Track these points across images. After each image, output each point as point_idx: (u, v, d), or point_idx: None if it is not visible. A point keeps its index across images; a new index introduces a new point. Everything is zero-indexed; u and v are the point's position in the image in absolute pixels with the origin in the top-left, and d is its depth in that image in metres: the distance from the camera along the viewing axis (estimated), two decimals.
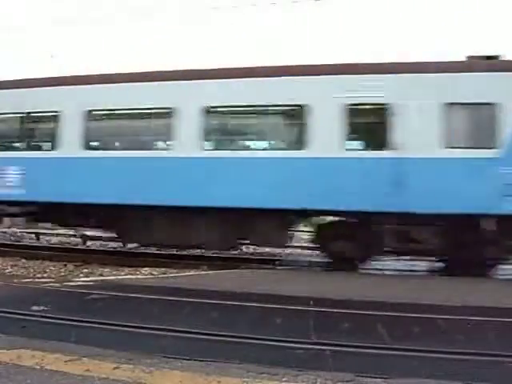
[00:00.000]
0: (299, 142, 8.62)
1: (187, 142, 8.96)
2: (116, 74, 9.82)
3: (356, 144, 8.69)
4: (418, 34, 33.88)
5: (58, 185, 9.41)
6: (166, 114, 9.15)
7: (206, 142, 9.04)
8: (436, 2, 31.17)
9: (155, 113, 9.52)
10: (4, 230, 13.66)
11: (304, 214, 8.95)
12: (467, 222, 8.05)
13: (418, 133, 8.09)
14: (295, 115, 8.76)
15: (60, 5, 29.95)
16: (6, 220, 12.82)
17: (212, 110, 8.96)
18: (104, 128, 10.01)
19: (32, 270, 9.37)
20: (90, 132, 9.54)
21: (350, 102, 8.31)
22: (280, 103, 8.76)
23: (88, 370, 3.69)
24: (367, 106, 8.58)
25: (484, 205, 7.84)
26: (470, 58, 8.59)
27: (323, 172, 8.35)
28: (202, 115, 8.90)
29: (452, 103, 8.10)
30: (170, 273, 9.08)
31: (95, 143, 9.83)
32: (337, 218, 9.28)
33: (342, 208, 8.36)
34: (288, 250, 11.71)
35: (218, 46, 32.49)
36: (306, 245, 11.37)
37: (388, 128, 8.22)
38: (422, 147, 8.10)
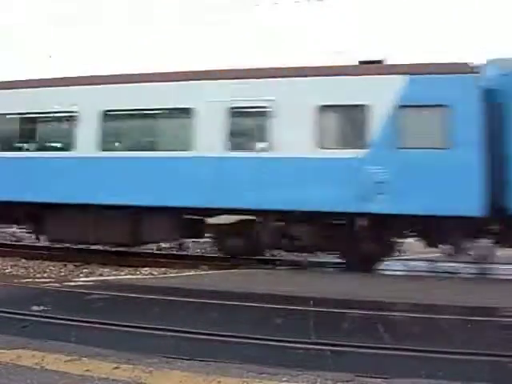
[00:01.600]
0: (187, 143, 9.15)
1: (87, 143, 9.62)
2: None
3: (239, 145, 9.08)
4: (418, 34, 33.88)
5: None
6: (69, 117, 9.78)
7: (104, 144, 9.67)
8: (437, 3, 31.17)
9: (58, 117, 10.07)
10: (4, 230, 13.64)
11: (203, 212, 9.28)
12: (341, 220, 8.55)
13: (294, 134, 8.56)
14: (184, 118, 9.29)
15: (59, 5, 29.93)
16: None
17: (109, 113, 9.64)
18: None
19: (32, 270, 9.37)
20: None
21: (233, 106, 8.89)
22: (171, 107, 9.43)
23: (88, 370, 3.70)
24: (248, 110, 9.02)
25: (353, 203, 8.23)
26: (361, 62, 9.06)
27: (208, 171, 8.89)
28: (100, 118, 9.60)
29: (325, 106, 8.57)
30: (170, 273, 9.09)
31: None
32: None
33: (225, 206, 8.83)
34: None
35: (217, 47, 32.51)
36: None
37: (267, 129, 8.76)
38: (297, 148, 8.56)
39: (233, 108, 8.92)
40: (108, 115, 9.58)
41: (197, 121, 9.05)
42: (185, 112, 9.19)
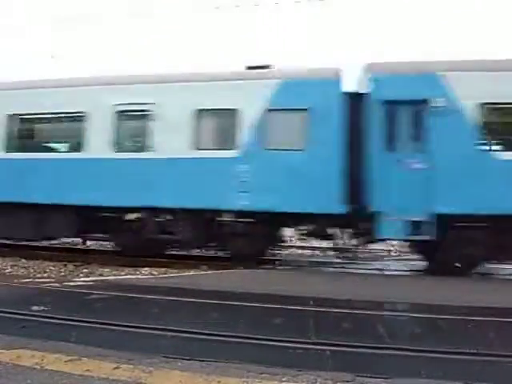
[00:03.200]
0: (80, 145, 9.87)
1: None
2: None
3: (125, 147, 9.77)
4: (418, 35, 33.89)
5: None
6: None
7: (13, 145, 10.32)
8: (438, 3, 31.19)
9: None
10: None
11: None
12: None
13: (173, 136, 9.25)
14: (78, 121, 9.92)
15: (60, 5, 29.91)
16: None
17: (17, 117, 10.33)
18: None
19: (32, 270, 9.36)
20: None
21: (120, 109, 9.62)
22: (67, 110, 10.03)
23: (88, 370, 3.70)
24: (134, 113, 9.73)
25: (224, 201, 8.93)
26: (248, 67, 9.53)
27: (97, 172, 9.58)
28: (8, 121, 10.28)
29: (202, 110, 9.27)
30: (170, 273, 9.08)
31: None
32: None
33: (112, 204, 9.46)
34: (288, 250, 11.72)
35: (217, 46, 32.51)
36: (305, 245, 11.38)
37: (149, 131, 9.49)
38: (176, 149, 9.24)
39: (119, 111, 9.66)
40: (15, 118, 10.34)
41: (88, 124, 9.75)
42: (77, 116, 9.88)
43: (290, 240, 11.17)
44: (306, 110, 8.67)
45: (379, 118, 8.43)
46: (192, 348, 4.34)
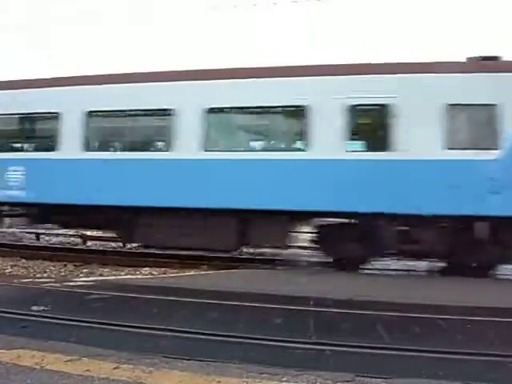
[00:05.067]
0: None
1: None
2: None
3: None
4: (419, 35, 33.89)
5: None
6: None
7: None
8: (438, 3, 31.18)
9: None
10: (4, 229, 13.65)
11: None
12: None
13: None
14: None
15: (59, 5, 29.92)
16: (7, 220, 12.83)
17: None
18: None
19: (32, 270, 9.37)
20: None
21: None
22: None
23: (88, 370, 3.70)
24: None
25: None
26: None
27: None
28: None
29: (91, 111, 9.42)
30: (170, 273, 9.09)
31: None
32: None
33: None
34: (288, 250, 11.70)
35: (217, 47, 32.50)
36: (306, 245, 11.37)
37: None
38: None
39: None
40: None
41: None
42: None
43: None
44: None
45: None
46: (192, 348, 4.34)
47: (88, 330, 4.92)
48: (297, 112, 8.56)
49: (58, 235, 13.95)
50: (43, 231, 14.02)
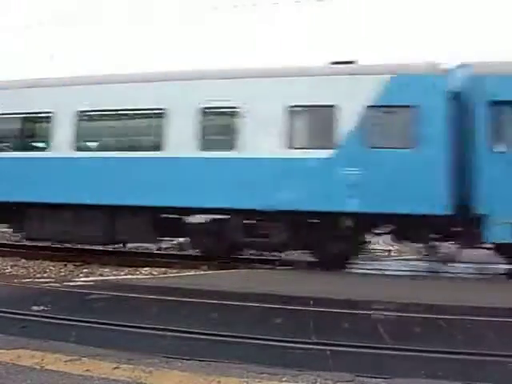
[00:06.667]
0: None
1: None
2: None
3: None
4: (418, 35, 33.89)
5: None
6: None
7: None
8: (439, 4, 31.17)
9: None
10: (4, 230, 13.64)
11: None
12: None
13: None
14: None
15: (60, 5, 29.93)
16: None
17: None
18: None
19: (32, 270, 9.37)
20: None
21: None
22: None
23: (88, 370, 3.69)
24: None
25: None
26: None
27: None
28: None
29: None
30: (170, 273, 9.08)
31: None
32: None
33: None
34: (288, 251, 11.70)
35: (217, 47, 32.50)
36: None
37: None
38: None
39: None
40: None
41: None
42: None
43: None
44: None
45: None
46: (192, 348, 4.34)
47: (88, 330, 4.92)
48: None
49: None
50: None
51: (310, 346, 4.45)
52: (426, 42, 30.37)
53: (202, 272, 9.03)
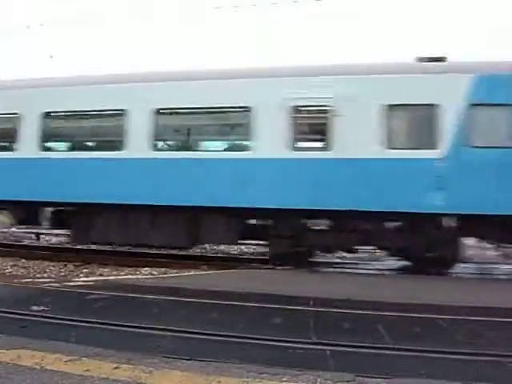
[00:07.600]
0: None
1: None
2: None
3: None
4: (418, 35, 33.88)
5: None
6: None
7: None
8: (439, 4, 31.17)
9: None
10: (4, 230, 13.66)
11: None
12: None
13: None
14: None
15: (60, 5, 29.94)
16: (6, 220, 12.82)
17: None
18: None
19: (32, 270, 9.38)
20: None
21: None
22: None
23: (88, 370, 3.69)
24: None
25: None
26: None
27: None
28: None
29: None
30: (170, 273, 9.09)
31: None
32: None
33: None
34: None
35: (217, 47, 32.50)
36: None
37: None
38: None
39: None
40: None
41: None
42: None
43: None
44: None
45: None
46: (192, 348, 4.34)
47: (88, 330, 4.92)
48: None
49: (57, 235, 13.96)
50: (43, 231, 14.04)
51: (310, 346, 4.45)
52: (426, 42, 30.36)
53: (202, 272, 9.04)
